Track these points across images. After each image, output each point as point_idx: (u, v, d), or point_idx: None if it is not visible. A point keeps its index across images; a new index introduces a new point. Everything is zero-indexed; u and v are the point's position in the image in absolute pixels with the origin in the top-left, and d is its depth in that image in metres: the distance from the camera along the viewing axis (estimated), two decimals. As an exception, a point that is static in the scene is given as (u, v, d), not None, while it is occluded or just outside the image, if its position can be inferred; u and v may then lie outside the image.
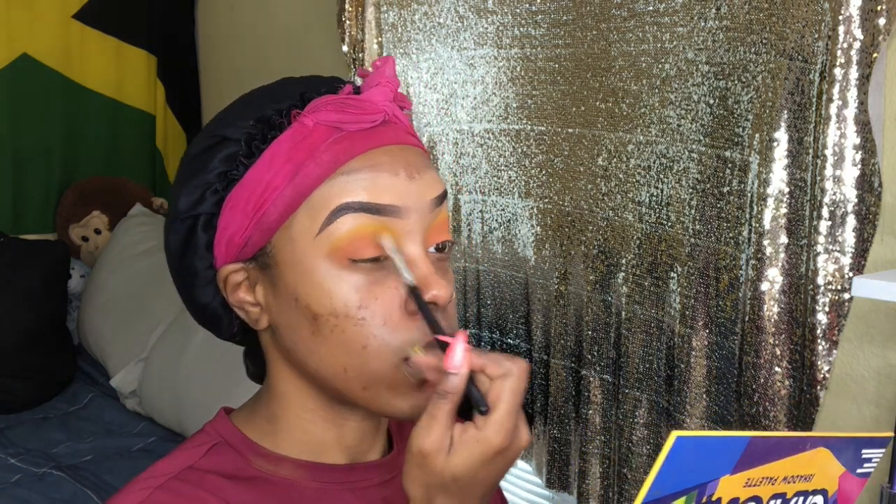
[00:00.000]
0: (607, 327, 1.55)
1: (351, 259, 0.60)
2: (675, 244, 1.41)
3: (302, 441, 0.68)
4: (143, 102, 2.76)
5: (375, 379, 0.61)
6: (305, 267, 0.61)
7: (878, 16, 1.09)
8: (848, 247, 1.16)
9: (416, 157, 0.64)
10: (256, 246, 0.63)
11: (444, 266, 0.65)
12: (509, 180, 1.70)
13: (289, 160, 0.61)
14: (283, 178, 0.61)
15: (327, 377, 0.63)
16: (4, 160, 2.49)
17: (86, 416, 2.05)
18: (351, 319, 0.60)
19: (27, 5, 2.49)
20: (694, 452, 0.47)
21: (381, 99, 0.63)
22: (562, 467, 1.68)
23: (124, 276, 2.28)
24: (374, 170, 0.61)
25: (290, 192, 0.61)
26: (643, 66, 1.42)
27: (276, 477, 0.66)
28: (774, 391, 1.25)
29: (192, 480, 0.64)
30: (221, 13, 2.68)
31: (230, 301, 0.65)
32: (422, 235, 0.63)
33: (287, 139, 0.62)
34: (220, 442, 0.68)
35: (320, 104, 0.62)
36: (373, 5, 1.86)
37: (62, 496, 1.66)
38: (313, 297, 0.61)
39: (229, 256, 0.64)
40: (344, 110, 0.62)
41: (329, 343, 0.61)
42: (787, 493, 0.55)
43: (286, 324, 0.63)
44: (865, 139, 1.12)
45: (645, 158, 1.45)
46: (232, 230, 0.63)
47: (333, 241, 0.60)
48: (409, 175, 0.62)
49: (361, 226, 0.60)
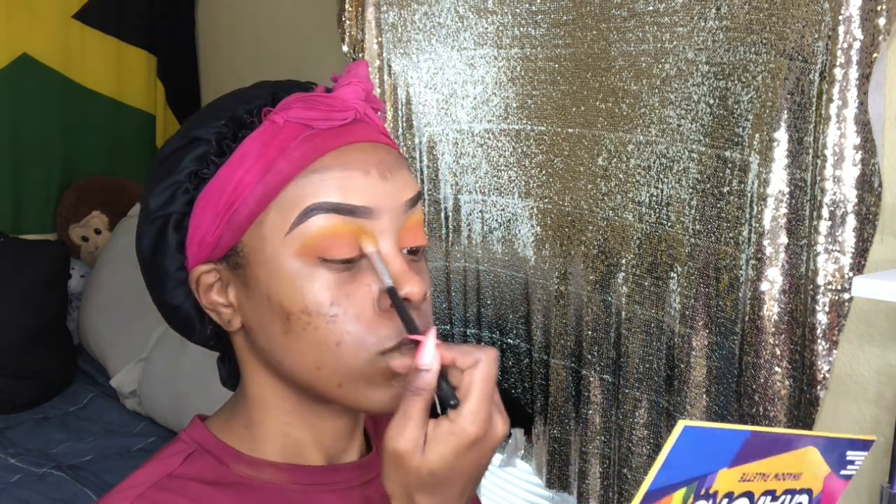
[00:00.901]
0: (607, 327, 1.55)
1: (322, 258, 0.60)
2: (675, 244, 1.41)
3: (280, 444, 0.67)
4: (143, 102, 2.76)
5: (351, 375, 0.61)
6: (277, 265, 0.61)
7: (878, 16, 1.09)
8: (848, 247, 1.16)
9: (389, 156, 0.64)
10: (227, 245, 0.63)
11: (418, 267, 0.64)
12: (509, 180, 1.70)
13: (259, 158, 0.61)
14: (253, 175, 0.61)
15: (301, 375, 0.63)
16: (4, 160, 2.49)
17: (86, 416, 2.06)
18: (323, 317, 0.60)
19: (27, 5, 2.49)
20: (697, 444, 0.47)
21: (352, 97, 0.63)
22: (562, 467, 1.68)
23: (124, 276, 2.28)
24: (346, 168, 0.61)
25: (260, 189, 0.61)
26: (643, 66, 1.42)
27: (257, 481, 0.66)
28: (774, 391, 1.25)
29: (173, 488, 0.63)
30: (221, 13, 2.68)
31: (202, 303, 0.65)
32: (395, 235, 0.62)
33: (257, 137, 0.62)
34: (197, 449, 0.67)
35: (290, 102, 0.62)
36: (373, 5, 1.86)
37: (62, 496, 1.66)
38: (285, 294, 0.61)
39: (201, 257, 0.64)
40: (314, 107, 0.62)
41: (302, 341, 0.61)
42: (776, 490, 0.54)
43: (259, 323, 0.63)
44: (865, 139, 1.12)
45: (645, 158, 1.45)
46: (203, 230, 0.62)
47: (305, 240, 0.60)
48: (381, 174, 0.62)
49: (333, 226, 0.60)
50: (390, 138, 0.66)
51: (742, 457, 0.49)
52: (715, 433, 0.48)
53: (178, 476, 0.65)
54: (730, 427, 0.48)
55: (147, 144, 2.78)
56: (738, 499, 0.52)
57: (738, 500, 0.52)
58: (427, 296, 0.63)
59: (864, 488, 1.21)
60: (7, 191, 2.51)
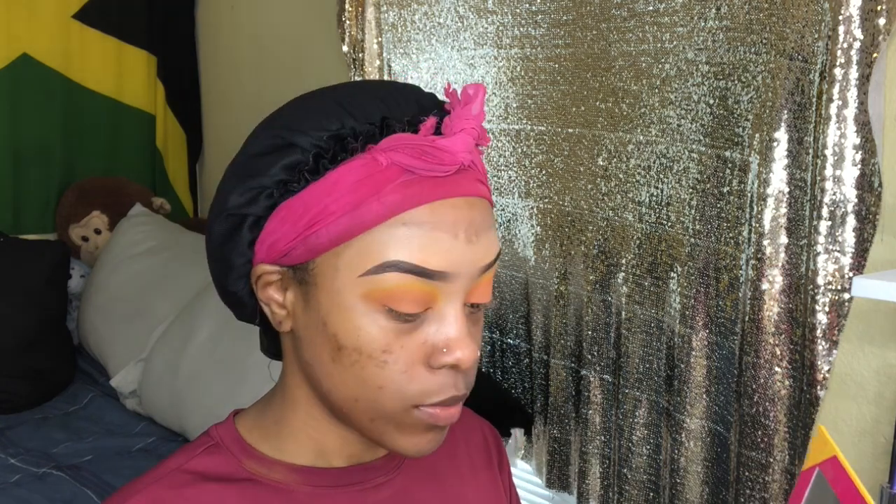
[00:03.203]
0: (607, 327, 1.55)
1: (388, 307, 0.60)
2: (675, 244, 1.41)
3: (305, 445, 0.68)
4: (143, 102, 2.76)
5: (384, 416, 0.62)
6: (342, 298, 0.60)
7: (878, 16, 1.09)
8: (848, 247, 1.16)
9: (481, 214, 0.62)
10: (298, 260, 0.62)
11: (475, 318, 0.64)
12: (509, 180, 1.70)
13: (353, 191, 0.59)
14: (342, 206, 0.59)
15: (337, 400, 0.63)
16: (4, 160, 2.49)
17: (86, 416, 2.05)
18: (374, 360, 0.60)
19: (27, 5, 2.48)
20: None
21: (462, 149, 0.61)
22: (562, 467, 1.68)
23: (124, 276, 2.28)
24: (435, 228, 0.59)
25: (346, 222, 0.59)
26: (643, 66, 1.42)
27: (266, 480, 0.66)
28: (774, 391, 1.25)
29: (174, 484, 0.65)
30: (221, 13, 2.68)
31: (259, 296, 0.65)
32: (464, 295, 0.62)
33: (356, 169, 0.59)
34: (217, 443, 0.68)
35: (398, 144, 0.60)
36: (373, 5, 1.86)
37: (62, 496, 1.66)
38: (342, 328, 0.61)
39: (269, 258, 0.63)
40: (420, 157, 0.60)
41: (347, 374, 0.61)
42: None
43: (310, 340, 0.63)
44: (865, 139, 1.12)
45: (645, 158, 1.45)
46: (277, 237, 0.62)
47: (375, 289, 0.59)
48: (468, 238, 0.60)
49: (407, 284, 0.59)
50: (487, 185, 0.65)
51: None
52: None
53: (187, 470, 0.65)
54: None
55: (147, 144, 2.78)
56: None
57: None
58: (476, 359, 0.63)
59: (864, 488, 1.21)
60: (7, 191, 2.51)
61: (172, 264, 2.23)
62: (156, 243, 2.34)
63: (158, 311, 2.12)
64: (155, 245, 2.33)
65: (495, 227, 0.65)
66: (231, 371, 1.74)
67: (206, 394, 1.78)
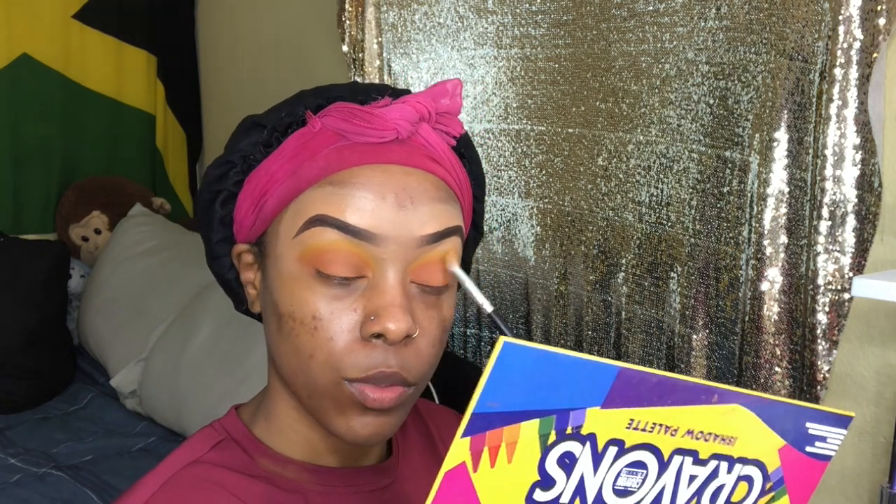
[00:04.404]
0: (607, 327, 1.55)
1: (318, 270, 0.59)
2: (675, 244, 1.41)
3: (293, 440, 0.67)
4: (143, 102, 2.76)
5: (319, 391, 0.60)
6: (282, 264, 0.61)
7: (878, 16, 1.09)
8: (848, 247, 1.16)
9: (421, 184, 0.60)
10: (257, 233, 0.64)
11: (430, 302, 0.61)
12: (509, 180, 1.70)
13: (292, 158, 0.62)
14: (284, 173, 0.62)
15: (286, 376, 0.63)
16: (4, 160, 2.49)
17: (86, 416, 2.05)
18: (305, 327, 0.59)
19: (27, 5, 2.48)
20: (537, 370, 0.41)
21: (398, 116, 0.60)
22: (562, 467, 1.68)
23: (124, 276, 2.28)
24: (361, 188, 0.59)
25: (285, 187, 0.61)
26: (643, 66, 1.42)
27: (281, 479, 0.65)
28: (774, 391, 1.25)
29: (198, 474, 0.63)
30: (222, 13, 2.68)
31: (241, 278, 0.67)
32: (403, 266, 0.60)
33: (298, 137, 0.62)
34: (226, 438, 0.67)
35: (332, 109, 0.62)
36: (373, 5, 1.86)
37: (62, 496, 1.66)
38: (281, 295, 0.61)
39: (240, 237, 0.65)
40: (350, 120, 0.61)
41: (287, 344, 0.61)
42: (699, 452, 0.48)
43: (264, 315, 0.65)
44: (865, 139, 1.12)
45: (645, 158, 1.45)
46: (243, 213, 0.64)
47: (304, 248, 0.60)
48: (399, 202, 0.59)
49: (331, 241, 0.59)
50: (442, 167, 0.62)
51: (618, 398, 0.43)
52: (560, 363, 0.41)
53: (204, 461, 0.65)
54: (566, 353, 0.41)
55: (147, 144, 2.78)
56: (635, 450, 0.46)
57: (633, 451, 0.46)
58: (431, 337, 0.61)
59: (864, 488, 1.21)
60: (7, 191, 2.51)
61: (172, 264, 2.23)
62: (156, 243, 2.34)
63: (158, 311, 2.12)
64: (155, 245, 2.33)
65: (452, 204, 0.62)
66: (231, 371, 1.74)
67: (206, 394, 1.78)
